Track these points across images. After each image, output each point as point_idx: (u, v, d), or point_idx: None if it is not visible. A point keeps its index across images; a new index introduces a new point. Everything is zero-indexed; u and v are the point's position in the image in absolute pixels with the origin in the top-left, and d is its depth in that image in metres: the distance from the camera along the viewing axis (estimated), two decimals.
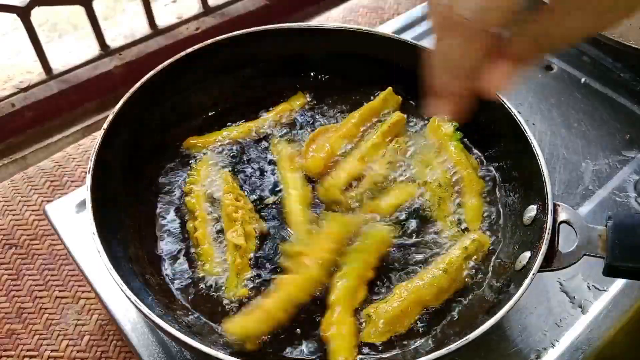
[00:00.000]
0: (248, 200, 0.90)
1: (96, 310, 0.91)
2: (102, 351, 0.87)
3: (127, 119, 0.88)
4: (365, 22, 1.42)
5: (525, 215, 0.83)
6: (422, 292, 0.77)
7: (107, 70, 1.34)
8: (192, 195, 0.90)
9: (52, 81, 1.30)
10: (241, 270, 0.82)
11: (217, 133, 1.00)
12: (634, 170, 1.04)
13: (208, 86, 1.02)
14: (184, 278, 0.82)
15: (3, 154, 1.27)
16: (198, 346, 0.65)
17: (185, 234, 0.87)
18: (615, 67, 1.22)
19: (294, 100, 1.04)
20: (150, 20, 1.39)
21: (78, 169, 1.09)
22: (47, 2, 1.22)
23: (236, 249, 0.82)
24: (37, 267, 0.96)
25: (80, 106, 1.35)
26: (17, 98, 1.27)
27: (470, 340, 0.66)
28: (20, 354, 0.87)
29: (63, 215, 0.92)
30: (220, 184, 0.91)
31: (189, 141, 0.98)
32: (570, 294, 0.88)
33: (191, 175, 0.93)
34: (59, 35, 1.57)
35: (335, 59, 1.05)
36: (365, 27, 1.05)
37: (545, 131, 1.10)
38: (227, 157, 0.96)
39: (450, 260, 0.80)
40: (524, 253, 0.78)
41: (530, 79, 1.21)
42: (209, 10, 1.47)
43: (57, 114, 1.32)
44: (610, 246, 0.71)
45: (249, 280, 0.81)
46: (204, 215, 0.87)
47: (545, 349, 0.82)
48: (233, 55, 1.01)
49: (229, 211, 0.85)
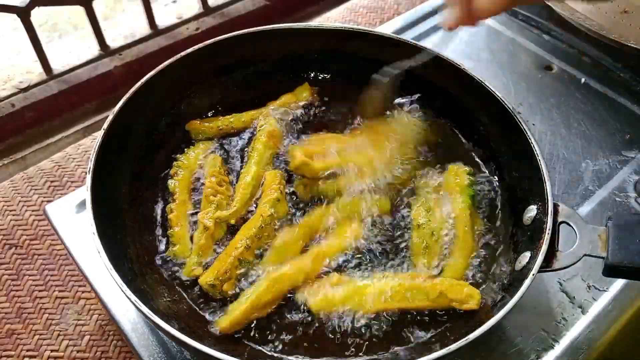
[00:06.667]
0: (231, 188, 0.91)
1: (96, 310, 0.91)
2: (102, 351, 0.87)
3: (127, 119, 0.88)
4: (365, 22, 1.42)
5: (525, 215, 0.83)
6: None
7: (107, 70, 1.34)
8: (176, 177, 0.91)
9: (52, 81, 1.30)
10: (204, 252, 0.83)
11: (220, 119, 1.00)
12: (634, 170, 1.04)
13: (208, 86, 1.02)
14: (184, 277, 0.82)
15: (3, 154, 1.27)
16: (198, 346, 0.65)
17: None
18: (615, 67, 1.22)
19: (300, 91, 1.05)
20: (150, 20, 1.39)
21: (78, 169, 1.09)
22: (47, 2, 1.22)
23: (204, 231, 0.84)
24: (37, 267, 0.96)
25: (80, 106, 1.35)
26: (17, 98, 1.27)
27: (470, 340, 0.66)
28: (20, 354, 0.87)
29: (63, 215, 0.92)
30: (208, 169, 0.92)
31: (192, 123, 0.99)
32: (570, 294, 0.88)
33: (180, 159, 0.94)
34: (59, 35, 1.57)
35: (336, 59, 1.05)
36: (365, 27, 1.05)
37: (545, 131, 1.10)
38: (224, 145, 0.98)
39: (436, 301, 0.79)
40: (524, 253, 0.78)
41: (530, 79, 1.21)
42: (209, 10, 1.47)
43: (57, 114, 1.32)
44: (610, 246, 0.71)
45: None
46: (183, 198, 0.89)
47: (545, 349, 0.82)
48: (233, 55, 1.01)
49: (207, 193, 0.87)
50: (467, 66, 0.96)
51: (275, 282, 0.79)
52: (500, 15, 1.35)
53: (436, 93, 1.02)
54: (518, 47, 1.29)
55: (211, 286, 0.79)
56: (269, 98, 1.04)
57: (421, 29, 1.30)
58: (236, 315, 0.77)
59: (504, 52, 1.27)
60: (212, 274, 0.80)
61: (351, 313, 0.78)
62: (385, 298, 0.77)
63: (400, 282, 0.78)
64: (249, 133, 0.99)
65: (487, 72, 1.21)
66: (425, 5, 1.37)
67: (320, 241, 0.85)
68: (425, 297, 0.78)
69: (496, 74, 1.21)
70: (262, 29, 1.00)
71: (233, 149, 0.98)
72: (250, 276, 0.81)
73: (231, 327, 0.77)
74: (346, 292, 0.78)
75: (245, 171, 0.92)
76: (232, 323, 0.76)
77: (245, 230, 0.84)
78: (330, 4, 1.58)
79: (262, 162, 0.93)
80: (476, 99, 0.96)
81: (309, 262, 0.81)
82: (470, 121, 0.99)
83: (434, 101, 1.03)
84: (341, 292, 0.78)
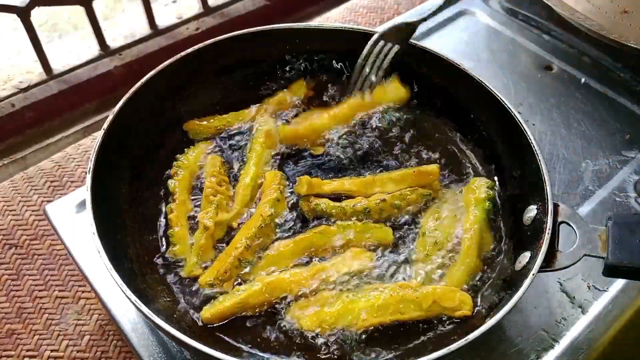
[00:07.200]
0: (231, 188, 0.91)
1: (96, 310, 0.91)
2: (102, 351, 0.87)
3: (127, 119, 0.88)
4: (365, 22, 1.42)
5: (525, 215, 0.83)
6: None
7: (107, 70, 1.34)
8: (176, 177, 0.91)
9: (52, 81, 1.30)
10: (203, 252, 0.83)
11: (217, 118, 1.00)
12: (634, 170, 1.04)
13: (208, 86, 1.02)
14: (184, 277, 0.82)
15: (3, 154, 1.27)
16: (198, 346, 0.65)
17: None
18: (615, 67, 1.22)
19: (295, 87, 1.05)
20: (150, 20, 1.39)
21: (78, 169, 1.09)
22: (47, 2, 1.22)
23: (204, 231, 0.84)
24: (37, 267, 0.96)
25: (80, 106, 1.35)
26: (17, 98, 1.27)
27: (470, 340, 0.66)
28: (20, 354, 0.87)
29: (63, 215, 0.92)
30: (207, 169, 0.92)
31: (189, 123, 0.99)
32: (570, 294, 0.88)
33: (180, 159, 0.94)
34: (59, 35, 1.57)
35: (335, 58, 1.05)
36: (365, 27, 1.05)
37: (545, 131, 1.10)
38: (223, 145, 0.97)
39: (428, 307, 0.78)
40: (524, 253, 0.78)
41: (530, 79, 1.21)
42: (209, 10, 1.47)
43: (57, 114, 1.32)
44: (610, 246, 0.71)
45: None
46: (183, 198, 0.89)
47: (545, 349, 0.82)
48: (233, 55, 1.01)
49: (207, 193, 0.87)
50: (467, 66, 0.96)
51: (269, 286, 0.78)
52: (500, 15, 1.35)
53: (436, 93, 1.02)
54: (518, 47, 1.29)
55: (211, 286, 0.79)
56: (269, 98, 1.04)
57: (421, 29, 1.30)
58: (221, 308, 0.77)
59: (504, 52, 1.27)
60: (212, 274, 0.80)
61: (343, 330, 0.76)
62: (377, 313, 0.76)
63: (392, 294, 0.77)
64: (248, 131, 0.99)
65: (487, 72, 1.21)
66: (425, 5, 1.37)
67: (326, 260, 0.83)
68: (418, 307, 0.77)
69: (496, 74, 1.21)
70: (262, 29, 1.00)
71: (233, 148, 0.98)
72: (248, 281, 0.81)
73: (213, 319, 0.77)
74: (338, 310, 0.77)
75: (244, 172, 0.92)
76: (214, 315, 0.77)
77: (245, 230, 0.84)
78: (330, 4, 1.58)
79: (261, 163, 0.93)
80: (476, 99, 0.96)
81: (307, 274, 0.80)
82: (470, 121, 0.99)
83: (434, 101, 1.03)
84: (333, 310, 0.77)
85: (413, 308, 0.77)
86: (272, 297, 0.79)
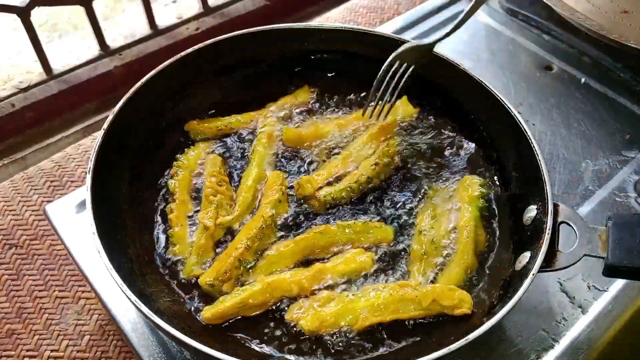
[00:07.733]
0: (231, 188, 0.91)
1: (96, 310, 0.91)
2: (102, 351, 0.87)
3: (127, 119, 0.88)
4: (365, 22, 1.42)
5: (525, 215, 0.83)
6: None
7: (107, 70, 1.34)
8: (176, 177, 0.91)
9: (52, 81, 1.30)
10: (203, 252, 0.83)
11: (219, 119, 1.00)
12: (634, 170, 1.04)
13: (208, 86, 1.02)
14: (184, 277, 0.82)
15: (3, 154, 1.27)
16: (198, 346, 0.65)
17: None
18: (615, 67, 1.22)
19: (300, 93, 1.05)
20: (150, 20, 1.39)
21: (78, 169, 1.09)
22: (47, 2, 1.22)
23: (204, 231, 0.84)
24: (37, 267, 0.96)
25: (80, 106, 1.35)
26: (17, 98, 1.27)
27: (470, 340, 0.66)
28: (20, 354, 0.87)
29: (63, 215, 0.92)
30: (208, 169, 0.92)
31: (191, 124, 0.99)
32: (570, 294, 0.88)
33: (180, 159, 0.94)
34: (59, 35, 1.57)
35: (335, 59, 1.05)
36: (365, 27, 1.05)
37: (545, 131, 1.10)
38: (223, 145, 0.97)
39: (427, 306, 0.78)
40: (524, 253, 0.78)
41: (530, 79, 1.21)
42: (209, 10, 1.47)
43: (57, 114, 1.32)
44: (610, 246, 0.71)
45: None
46: (183, 198, 0.89)
47: (545, 349, 0.82)
48: (233, 55, 1.01)
49: (207, 193, 0.88)
50: (467, 66, 0.96)
51: (269, 287, 0.78)
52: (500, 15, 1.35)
53: (436, 93, 1.02)
54: (518, 47, 1.29)
55: (211, 286, 0.79)
56: (269, 98, 1.04)
57: (421, 29, 1.30)
58: (221, 308, 0.77)
59: (504, 52, 1.27)
60: (212, 274, 0.80)
61: (344, 329, 0.77)
62: (377, 312, 0.76)
63: (391, 293, 0.77)
64: (249, 133, 0.99)
65: (487, 72, 1.21)
66: (425, 5, 1.37)
67: (326, 260, 0.83)
68: (418, 306, 0.77)
69: (496, 74, 1.21)
70: (262, 29, 1.00)
71: (233, 149, 0.98)
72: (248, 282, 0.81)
73: (214, 319, 0.77)
74: (337, 310, 0.77)
75: (246, 174, 0.92)
76: (215, 315, 0.77)
77: (246, 230, 0.84)
78: (330, 4, 1.58)
79: (263, 164, 0.93)
80: (476, 99, 0.96)
81: (307, 274, 0.80)
82: (470, 121, 0.99)
83: (434, 101, 1.03)
84: (332, 310, 0.77)
85: (413, 307, 0.77)
86: (272, 297, 0.79)
